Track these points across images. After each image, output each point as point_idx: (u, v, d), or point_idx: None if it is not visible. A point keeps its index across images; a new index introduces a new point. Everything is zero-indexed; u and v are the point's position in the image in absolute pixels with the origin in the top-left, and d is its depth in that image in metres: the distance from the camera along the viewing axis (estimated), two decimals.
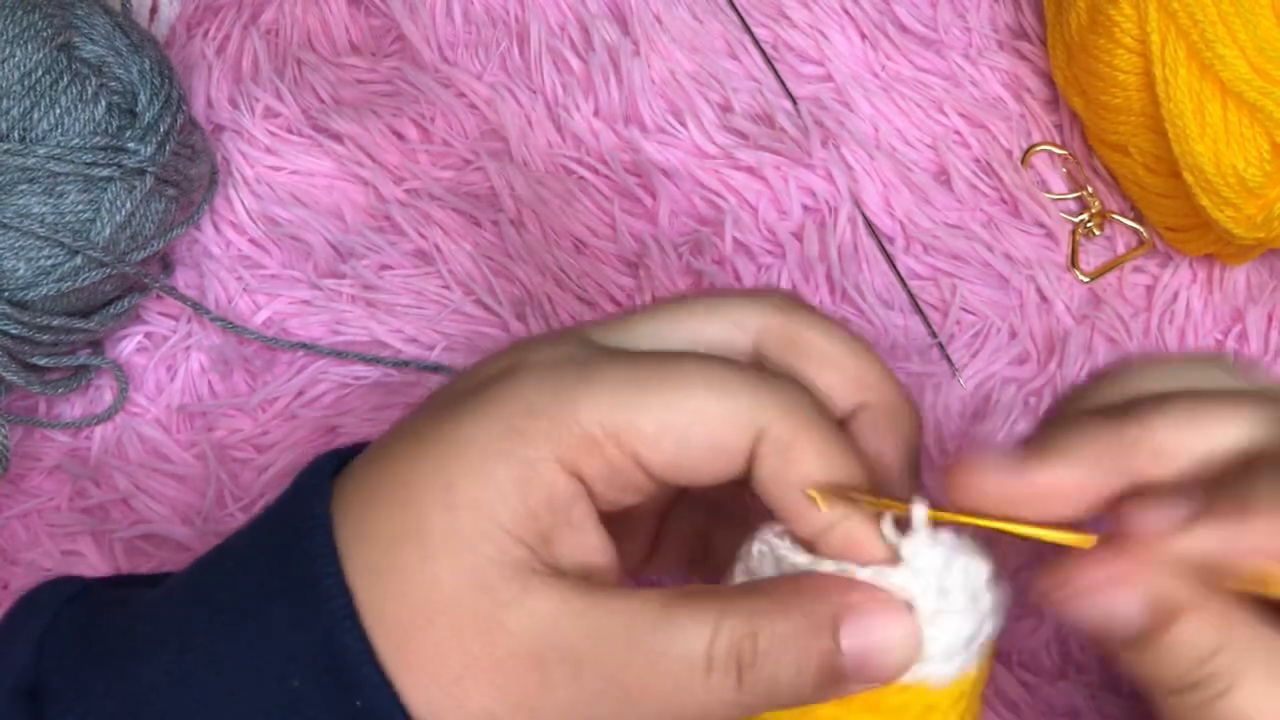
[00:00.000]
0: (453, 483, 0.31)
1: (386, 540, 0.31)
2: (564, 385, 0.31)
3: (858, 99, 0.54)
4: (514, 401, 0.32)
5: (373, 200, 0.53)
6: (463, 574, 0.31)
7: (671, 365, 0.32)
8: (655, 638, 0.30)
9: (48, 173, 0.45)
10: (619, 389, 0.31)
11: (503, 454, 0.31)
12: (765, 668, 0.31)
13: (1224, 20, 0.46)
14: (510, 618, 0.30)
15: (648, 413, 0.31)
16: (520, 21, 0.56)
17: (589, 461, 0.31)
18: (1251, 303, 0.52)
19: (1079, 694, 0.45)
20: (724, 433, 0.31)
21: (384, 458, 0.33)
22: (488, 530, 0.31)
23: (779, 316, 0.34)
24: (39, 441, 0.50)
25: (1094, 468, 0.31)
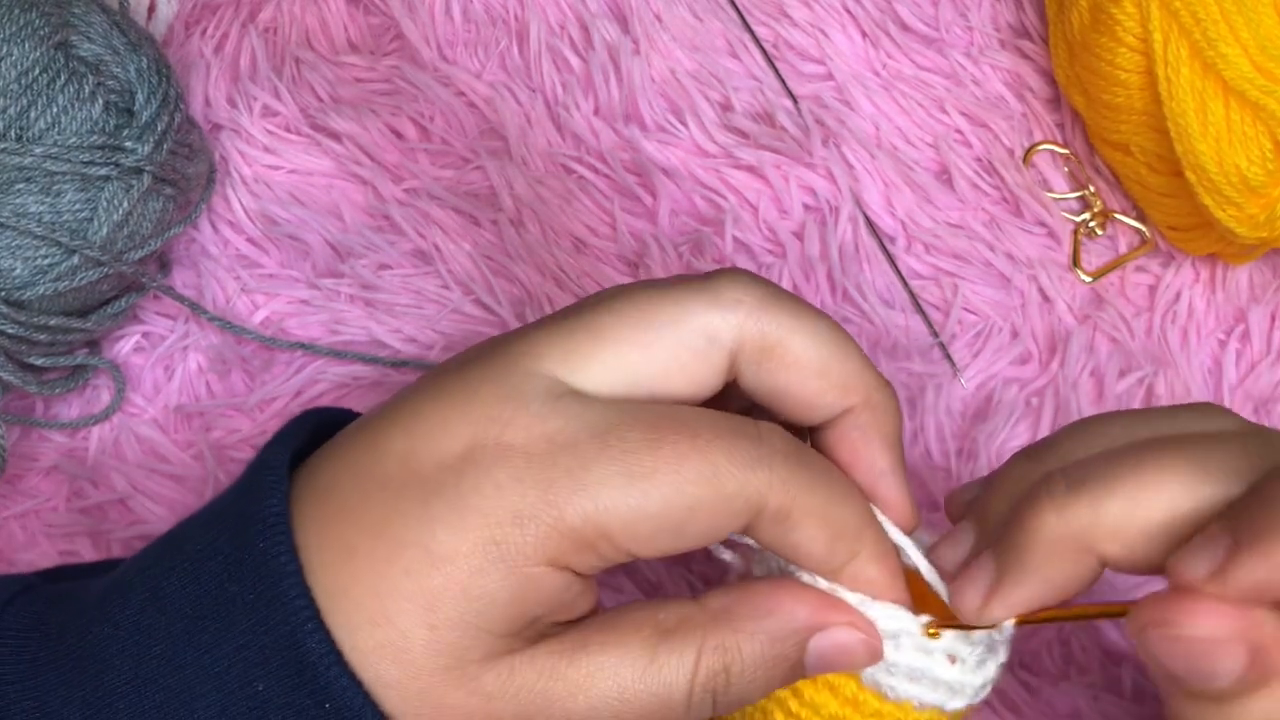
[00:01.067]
0: (434, 603, 0.30)
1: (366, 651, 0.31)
2: (553, 487, 0.30)
3: (859, 98, 0.54)
4: (494, 507, 0.30)
5: (371, 200, 0.53)
6: (449, 683, 0.31)
7: (663, 456, 0.30)
8: (641, 689, 0.31)
9: (45, 172, 0.45)
10: (611, 489, 0.30)
11: (491, 568, 0.30)
12: (737, 690, 0.32)
13: (1226, 19, 0.46)
14: (501, 710, 0.31)
15: (642, 515, 0.30)
16: (520, 20, 0.55)
17: (580, 559, 0.31)
18: (1254, 302, 0.51)
19: (1081, 695, 0.44)
20: (718, 521, 0.31)
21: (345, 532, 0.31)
22: (476, 642, 0.31)
23: (753, 323, 0.32)
24: (36, 442, 0.50)
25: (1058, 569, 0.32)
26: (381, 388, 0.50)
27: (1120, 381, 0.50)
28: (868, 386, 0.34)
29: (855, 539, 0.33)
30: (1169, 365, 0.50)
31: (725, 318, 0.32)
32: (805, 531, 0.32)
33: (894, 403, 0.35)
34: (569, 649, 0.31)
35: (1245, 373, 0.51)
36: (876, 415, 0.34)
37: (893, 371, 0.50)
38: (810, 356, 0.33)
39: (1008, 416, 0.49)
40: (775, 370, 0.33)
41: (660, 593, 0.46)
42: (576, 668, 0.31)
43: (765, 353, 0.33)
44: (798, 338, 0.33)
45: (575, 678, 0.31)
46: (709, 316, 0.32)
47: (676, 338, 0.32)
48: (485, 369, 0.32)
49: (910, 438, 0.49)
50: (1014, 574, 0.32)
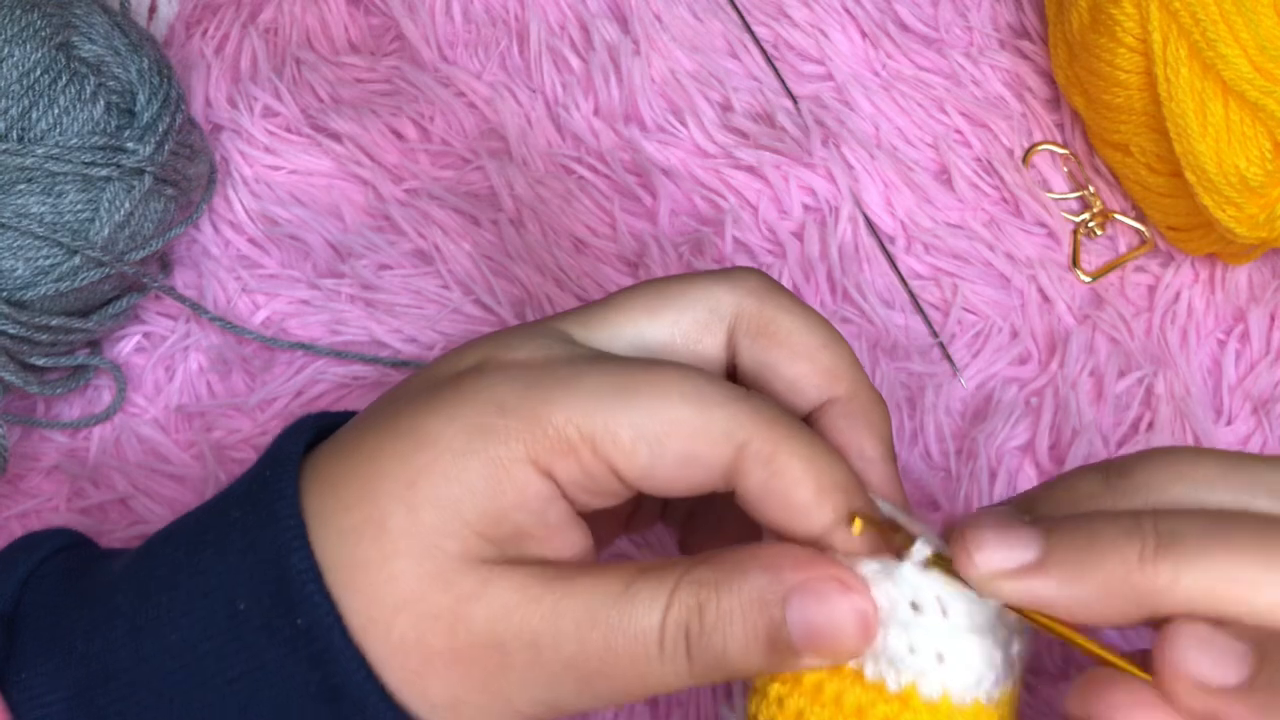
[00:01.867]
0: (415, 480, 0.31)
1: (348, 532, 0.31)
2: (540, 385, 0.31)
3: (858, 98, 0.54)
4: (485, 398, 0.31)
5: (372, 200, 0.53)
6: (423, 572, 0.31)
7: (651, 374, 0.31)
8: (611, 616, 0.30)
9: (46, 172, 0.45)
10: (597, 394, 0.31)
11: (472, 453, 0.31)
12: (713, 640, 0.30)
13: (1225, 19, 0.46)
14: (471, 610, 0.31)
15: (624, 420, 0.31)
16: (520, 20, 0.56)
17: (562, 464, 0.31)
18: (1254, 302, 0.51)
19: None
20: (700, 445, 0.31)
21: (352, 444, 0.33)
22: (451, 528, 0.31)
23: (753, 301, 0.34)
24: (37, 442, 0.50)
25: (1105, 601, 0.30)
26: (381, 388, 0.50)
27: (1120, 381, 0.50)
28: (855, 381, 0.34)
29: (844, 498, 0.31)
30: (1168, 365, 0.50)
31: (728, 292, 0.34)
32: (791, 474, 0.31)
33: (881, 404, 0.35)
34: (549, 574, 0.31)
35: (1245, 373, 0.51)
36: (863, 407, 0.34)
37: (893, 371, 0.50)
38: (801, 339, 0.34)
39: (1007, 416, 0.49)
40: (767, 347, 0.34)
41: None
42: (550, 589, 0.31)
43: (761, 328, 0.34)
44: (792, 320, 0.34)
45: (547, 599, 0.31)
46: (713, 290, 0.34)
47: (683, 305, 0.34)
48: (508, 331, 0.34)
49: (910, 438, 0.49)
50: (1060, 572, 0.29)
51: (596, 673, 0.31)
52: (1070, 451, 0.48)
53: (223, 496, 0.34)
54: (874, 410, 0.34)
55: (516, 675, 0.31)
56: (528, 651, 0.31)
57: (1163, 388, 0.49)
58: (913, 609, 0.31)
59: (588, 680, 0.31)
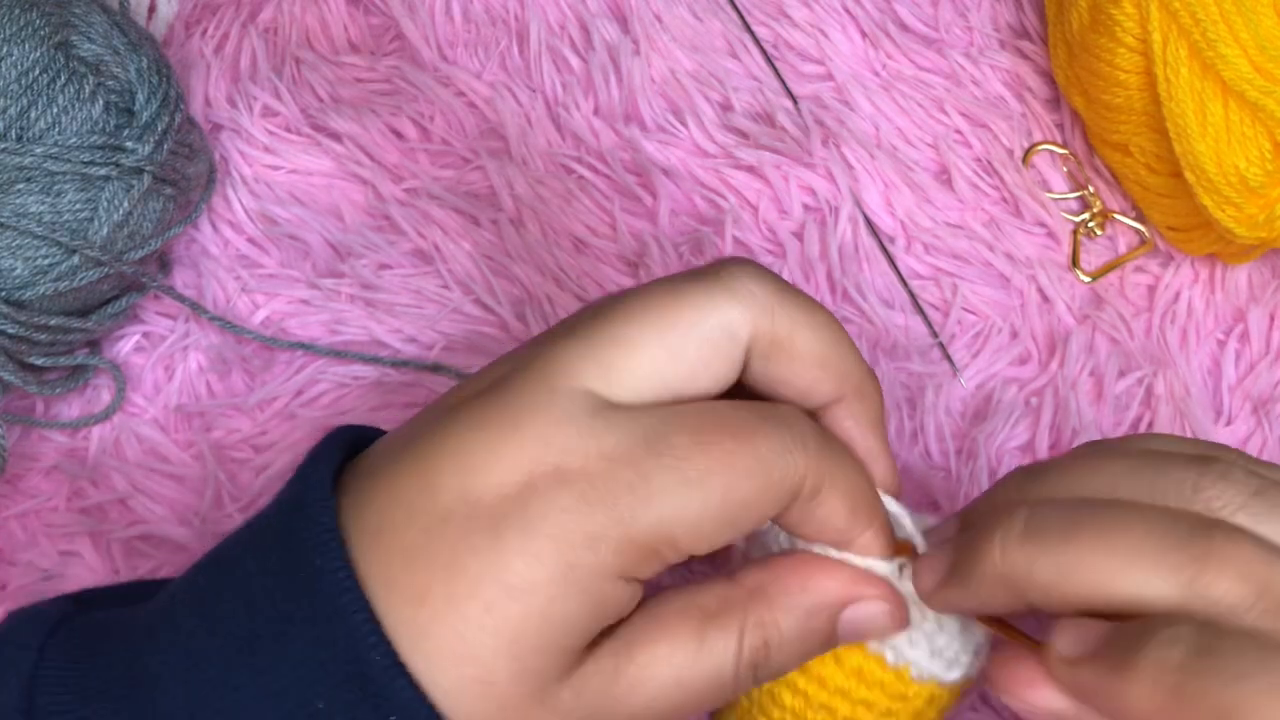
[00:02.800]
0: (519, 635, 0.31)
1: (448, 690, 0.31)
2: (618, 505, 0.31)
3: (858, 98, 0.54)
4: (568, 533, 0.31)
5: (371, 199, 0.53)
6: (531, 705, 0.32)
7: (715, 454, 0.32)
8: (695, 677, 0.33)
9: (45, 172, 0.45)
10: (673, 498, 0.31)
11: (568, 593, 0.31)
12: (776, 663, 0.34)
13: (1225, 19, 0.46)
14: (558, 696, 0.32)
15: (704, 516, 0.32)
16: (520, 20, 0.55)
17: (646, 567, 0.32)
18: (1253, 302, 0.51)
19: None
20: (768, 509, 0.33)
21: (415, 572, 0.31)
22: (557, 662, 0.32)
23: (765, 318, 0.34)
24: (36, 442, 0.50)
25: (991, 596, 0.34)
26: (381, 387, 0.50)
27: (1119, 381, 0.50)
28: (860, 376, 0.36)
29: (870, 512, 0.35)
30: (1168, 365, 0.50)
31: (741, 313, 0.34)
32: (831, 506, 0.34)
33: (879, 390, 0.37)
34: (624, 648, 0.33)
35: (1244, 373, 0.51)
36: (866, 403, 0.36)
37: (892, 371, 0.50)
38: (813, 349, 0.35)
39: (1007, 416, 0.49)
40: (781, 362, 0.35)
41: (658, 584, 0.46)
42: (635, 664, 0.32)
43: (774, 345, 0.34)
44: (803, 332, 0.35)
45: (634, 674, 0.32)
46: (727, 313, 0.33)
47: (701, 337, 0.33)
48: (524, 394, 0.32)
49: (910, 437, 0.49)
50: (958, 580, 0.34)
51: (675, 714, 0.33)
52: None
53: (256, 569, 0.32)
54: (874, 402, 0.36)
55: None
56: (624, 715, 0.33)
57: (1162, 388, 0.49)
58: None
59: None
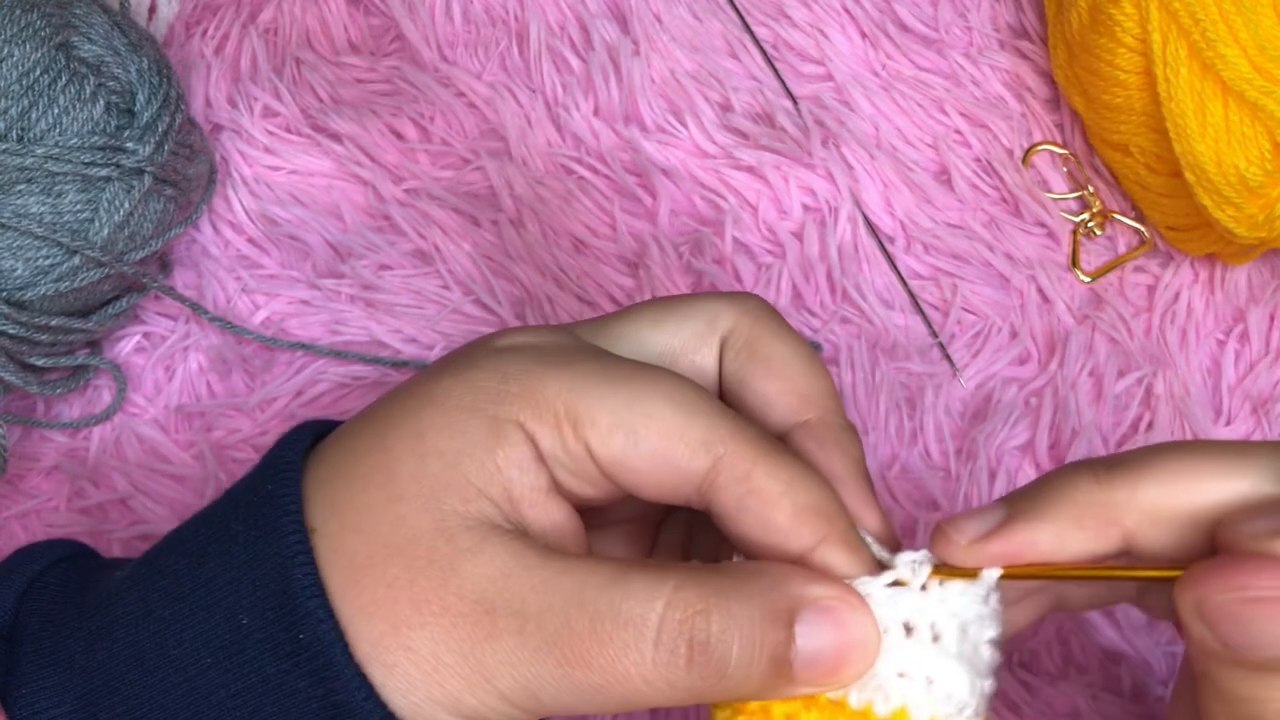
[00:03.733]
0: (424, 432, 0.32)
1: (356, 479, 0.32)
2: (540, 363, 0.33)
3: (858, 98, 0.54)
4: (491, 366, 0.33)
5: (372, 200, 0.53)
6: (425, 518, 0.31)
7: (642, 373, 0.33)
8: (604, 597, 0.30)
9: (46, 172, 0.45)
10: (585, 378, 0.32)
11: (475, 409, 0.32)
12: (717, 650, 0.30)
13: (1225, 19, 0.46)
14: (465, 564, 0.31)
15: (606, 405, 0.32)
16: (520, 21, 0.56)
17: (546, 434, 0.32)
18: (1253, 302, 0.51)
19: (1080, 695, 0.44)
20: (676, 446, 0.32)
21: (363, 415, 0.34)
22: (454, 480, 0.32)
23: (748, 320, 0.35)
24: (37, 442, 0.50)
25: (1076, 531, 0.31)
26: (381, 388, 0.50)
27: (1119, 381, 0.50)
28: (827, 409, 0.35)
29: (824, 521, 0.31)
30: (1168, 365, 0.50)
31: (728, 309, 0.36)
32: (768, 495, 0.31)
33: (852, 432, 0.35)
34: (547, 550, 0.32)
35: (1244, 373, 0.51)
36: (832, 432, 0.34)
37: (893, 371, 0.50)
38: (783, 361, 0.35)
39: (1007, 416, 0.49)
40: (749, 362, 0.35)
41: None
42: (545, 561, 0.31)
43: (748, 345, 0.35)
44: (779, 344, 0.35)
45: (540, 570, 0.31)
46: (716, 305, 0.36)
47: (684, 316, 0.35)
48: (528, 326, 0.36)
49: (910, 438, 0.49)
50: (1024, 518, 0.32)
51: (579, 657, 0.30)
52: (1070, 451, 0.48)
53: (225, 504, 0.34)
54: (844, 436, 0.35)
55: (500, 646, 0.30)
56: (513, 620, 0.30)
57: (1162, 388, 0.49)
58: (905, 631, 0.31)
59: (569, 665, 0.30)
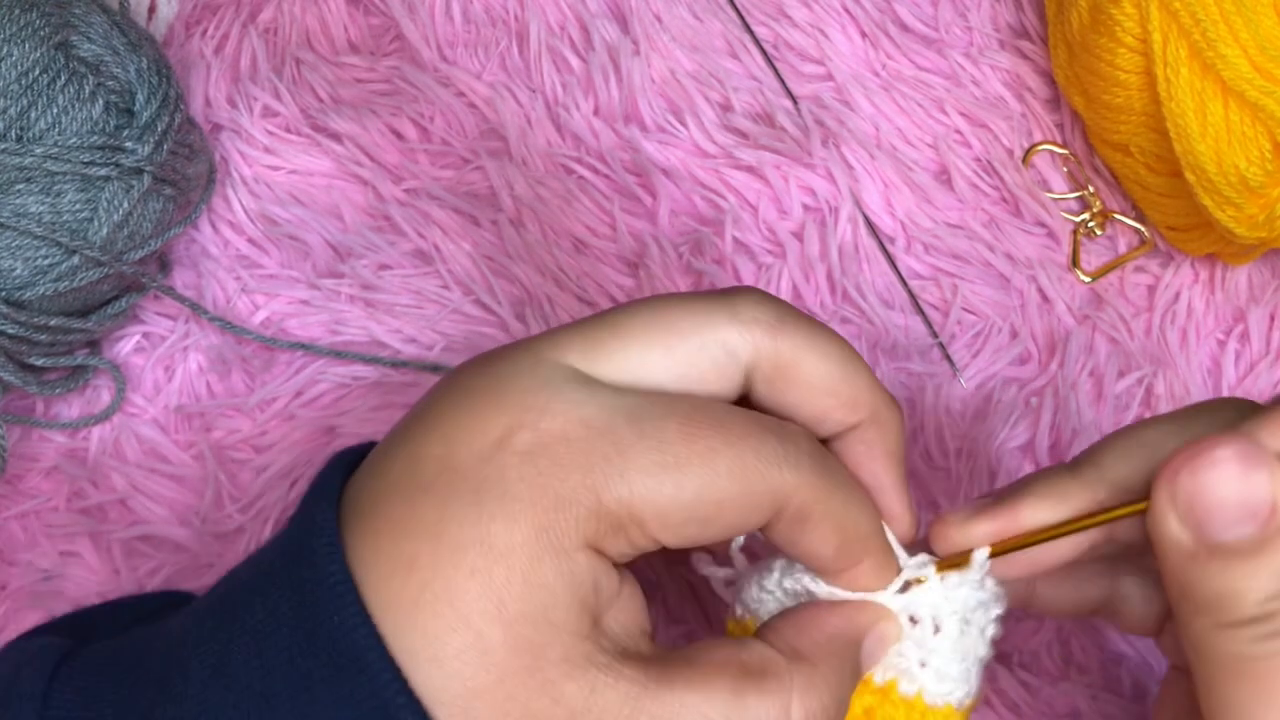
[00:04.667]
0: (504, 599, 0.30)
1: (448, 659, 0.30)
2: (592, 472, 0.31)
3: (858, 98, 0.54)
4: (542, 495, 0.30)
5: (372, 200, 0.53)
6: (532, 687, 0.30)
7: (700, 446, 0.31)
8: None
9: (45, 172, 0.45)
10: (647, 477, 0.31)
11: (543, 556, 0.30)
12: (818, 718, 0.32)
13: (1225, 19, 0.46)
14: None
15: (674, 504, 0.31)
16: (520, 21, 0.55)
17: (614, 544, 0.31)
18: (1253, 302, 0.51)
19: (1080, 695, 0.44)
20: (744, 515, 0.32)
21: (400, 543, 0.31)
22: (550, 638, 0.30)
23: (767, 340, 0.33)
24: (36, 442, 0.50)
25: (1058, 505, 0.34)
26: (381, 388, 0.50)
27: (1119, 381, 0.50)
28: (875, 404, 0.35)
29: (863, 547, 0.34)
30: (1168, 365, 0.50)
31: (743, 335, 0.33)
32: (820, 534, 0.33)
33: (899, 418, 0.36)
34: (653, 679, 0.31)
35: (1244, 373, 0.51)
36: (882, 431, 0.35)
37: (892, 371, 0.50)
38: (820, 375, 0.34)
39: (1007, 416, 0.49)
40: (786, 389, 0.34)
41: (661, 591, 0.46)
42: (660, 702, 0.31)
43: (779, 371, 0.34)
44: (810, 357, 0.34)
45: (658, 711, 0.31)
46: (728, 332, 0.33)
47: (697, 345, 0.33)
48: (510, 364, 0.33)
49: (910, 438, 0.49)
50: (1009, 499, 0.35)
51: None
52: (1070, 451, 0.48)
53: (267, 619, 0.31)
54: (891, 431, 0.35)
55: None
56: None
57: (1162, 388, 0.49)
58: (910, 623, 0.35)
59: None
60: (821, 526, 0.32)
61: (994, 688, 0.45)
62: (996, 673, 0.45)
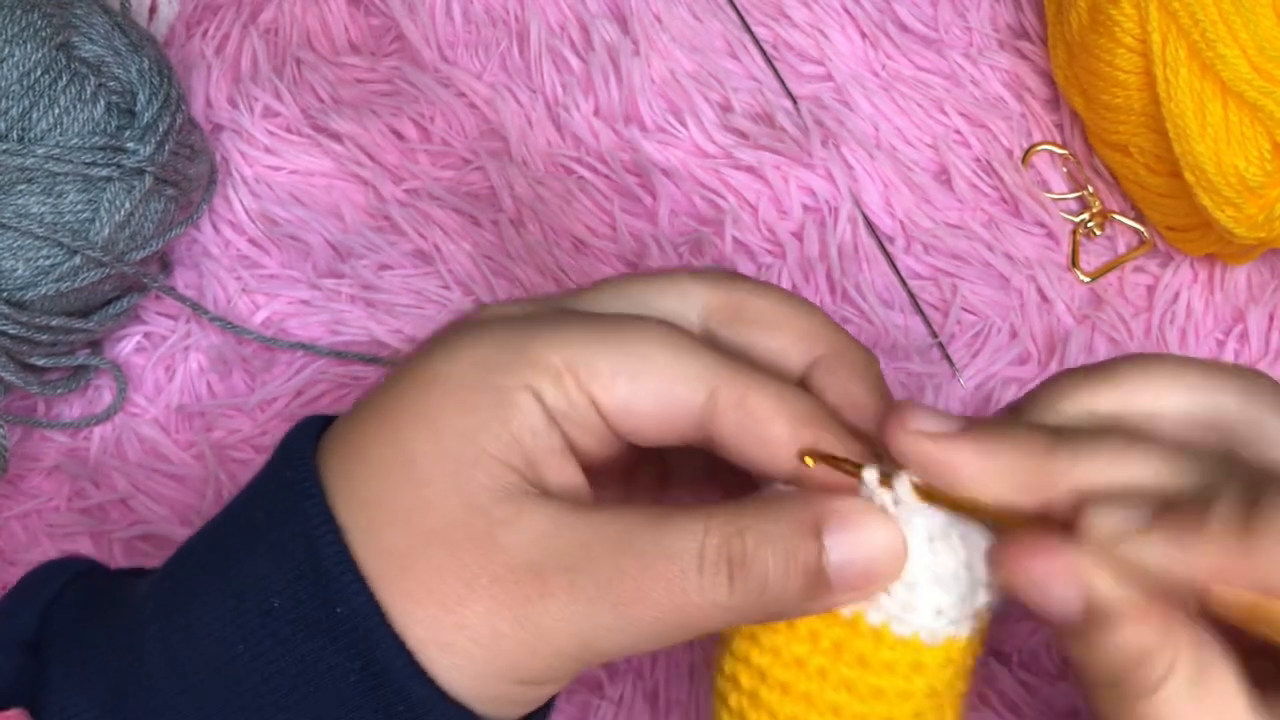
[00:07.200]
0: (434, 414, 0.32)
1: (376, 472, 0.32)
2: (530, 326, 0.33)
3: (858, 98, 0.54)
4: (484, 337, 0.33)
5: (372, 200, 0.53)
6: (455, 498, 0.32)
7: (630, 322, 0.34)
8: (647, 540, 0.31)
9: (46, 173, 0.45)
10: (580, 333, 0.33)
11: (480, 383, 0.32)
12: (754, 566, 0.31)
13: (1225, 20, 0.46)
14: (506, 536, 0.31)
15: (603, 355, 0.33)
16: (520, 21, 0.56)
17: (553, 392, 0.32)
18: (1253, 303, 0.52)
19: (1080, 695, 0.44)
20: (675, 384, 0.33)
21: (366, 405, 0.34)
22: (475, 456, 0.32)
23: (722, 289, 0.36)
24: (38, 442, 0.50)
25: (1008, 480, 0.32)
26: None
27: None
28: (835, 339, 0.36)
29: (818, 426, 0.33)
30: None
31: (697, 282, 0.36)
32: (763, 413, 0.33)
33: (869, 357, 0.36)
34: (580, 505, 0.33)
35: None
36: (852, 362, 0.35)
37: (892, 371, 0.50)
38: (772, 311, 0.35)
39: None
40: (742, 328, 0.35)
41: None
42: (584, 517, 0.32)
43: (733, 313, 0.35)
44: (761, 298, 0.36)
45: (582, 525, 0.32)
46: (685, 283, 0.36)
47: (656, 294, 0.35)
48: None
49: None
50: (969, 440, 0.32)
51: (633, 598, 0.31)
52: None
53: (242, 499, 0.35)
54: (859, 360, 0.35)
55: (554, 604, 0.31)
56: (564, 576, 0.31)
57: None
58: None
59: (625, 607, 0.31)
60: (762, 404, 0.32)
61: (993, 687, 0.45)
62: (996, 672, 0.45)
